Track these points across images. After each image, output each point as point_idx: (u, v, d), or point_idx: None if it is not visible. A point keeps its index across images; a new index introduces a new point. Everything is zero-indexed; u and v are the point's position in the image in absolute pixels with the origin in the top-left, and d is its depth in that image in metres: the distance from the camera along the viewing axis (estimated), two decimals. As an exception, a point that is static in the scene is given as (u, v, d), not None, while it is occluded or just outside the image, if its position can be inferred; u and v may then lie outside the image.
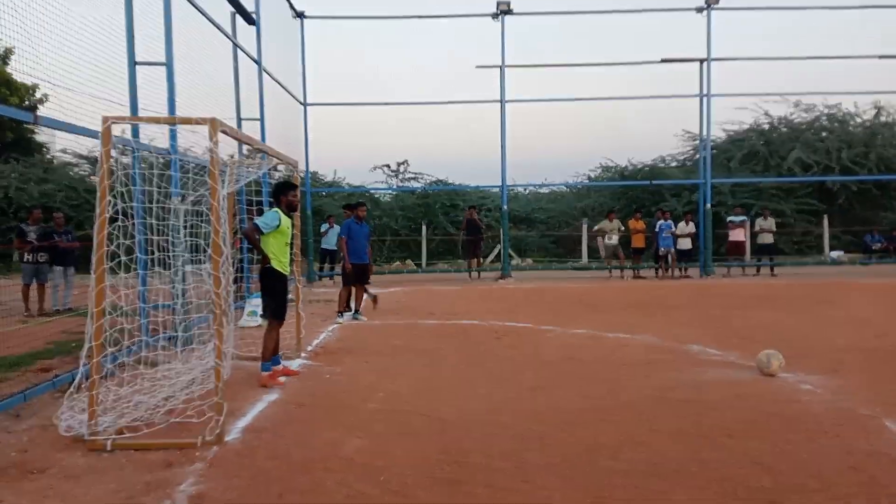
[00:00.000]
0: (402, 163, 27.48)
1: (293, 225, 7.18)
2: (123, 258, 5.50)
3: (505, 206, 19.26)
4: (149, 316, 7.28)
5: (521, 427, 5.19)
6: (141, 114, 8.16)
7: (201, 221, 7.09)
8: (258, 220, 6.82)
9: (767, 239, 18.97)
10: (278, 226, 6.76)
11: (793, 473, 4.23)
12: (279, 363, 7.15)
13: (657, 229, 18.44)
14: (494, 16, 18.33)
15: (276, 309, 6.87)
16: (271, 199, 7.10)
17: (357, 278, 11.18)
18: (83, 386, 5.13)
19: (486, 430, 5.12)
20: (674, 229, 18.37)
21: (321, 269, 18.38)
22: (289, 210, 6.99)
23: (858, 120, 26.94)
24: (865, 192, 25.28)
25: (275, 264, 6.78)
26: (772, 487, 4.04)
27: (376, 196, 27.49)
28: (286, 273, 6.93)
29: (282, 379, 6.73)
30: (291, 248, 7.15)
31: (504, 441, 4.88)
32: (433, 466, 4.40)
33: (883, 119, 26.38)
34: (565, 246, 26.45)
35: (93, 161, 23.06)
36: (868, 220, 24.83)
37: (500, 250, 20.98)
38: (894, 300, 13.05)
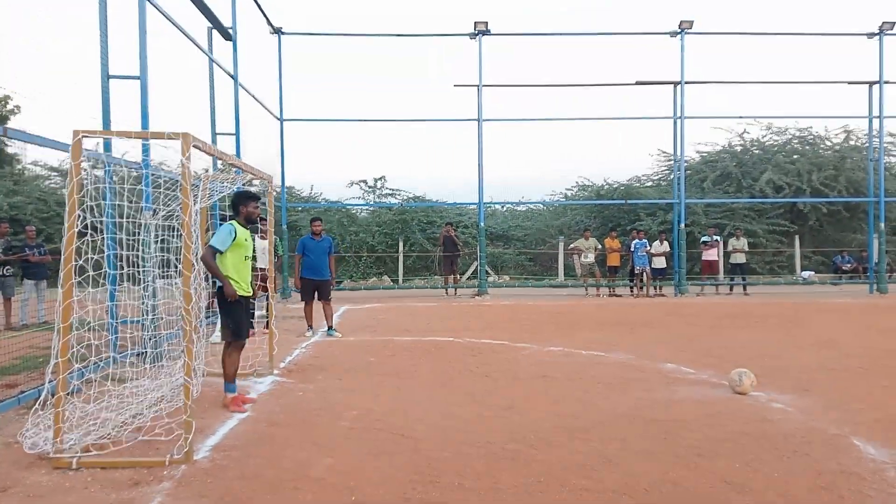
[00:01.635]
0: (380, 179, 27.49)
1: (254, 237, 6.80)
2: (92, 273, 5.41)
3: (482, 224, 19.32)
4: (117, 332, 7.17)
5: (494, 446, 5.17)
6: (114, 127, 8.09)
7: (173, 236, 7.00)
8: (212, 241, 6.21)
9: (740, 259, 19.26)
10: (234, 239, 6.25)
11: (763, 493, 4.24)
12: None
13: (632, 248, 18.62)
14: (472, 35, 18.48)
15: (235, 329, 6.36)
16: (230, 213, 6.67)
17: (319, 294, 11.08)
18: (49, 402, 5.03)
19: (460, 450, 5.09)
20: (649, 248, 18.57)
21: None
22: (248, 222, 6.52)
23: (829, 143, 27.48)
24: (835, 214, 25.75)
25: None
26: (742, 507, 4.06)
27: (353, 212, 27.43)
28: (246, 293, 6.46)
29: (245, 406, 6.30)
30: (255, 262, 6.84)
31: (477, 460, 4.85)
32: (405, 486, 4.36)
33: (852, 143, 26.93)
34: (542, 263, 26.56)
35: (64, 173, 22.78)
36: (838, 241, 25.30)
37: (476, 267, 21.00)
38: (863, 321, 13.25)
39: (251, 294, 6.70)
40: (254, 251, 6.78)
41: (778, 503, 4.10)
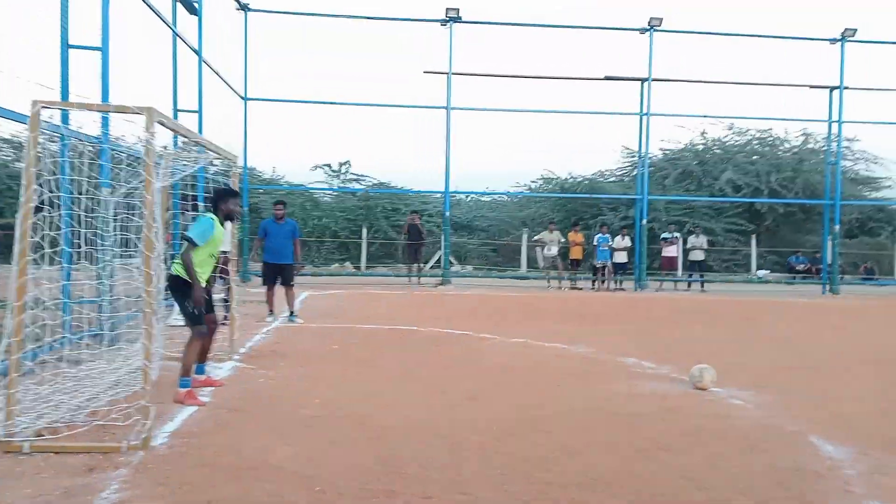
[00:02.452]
0: (344, 163, 27.22)
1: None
2: (48, 250, 5.21)
3: (447, 213, 19.27)
4: (73, 312, 6.94)
5: (458, 437, 5.14)
6: (72, 99, 7.81)
7: (132, 215, 6.79)
8: (191, 233, 5.91)
9: (698, 256, 19.59)
10: (212, 236, 6.00)
11: (723, 488, 4.29)
12: (203, 372, 6.51)
13: (595, 243, 18.83)
14: (443, 22, 18.34)
15: (198, 315, 5.97)
16: (208, 205, 6.32)
17: (281, 279, 10.90)
18: (1, 384, 4.84)
19: (423, 440, 5.05)
20: (611, 243, 18.77)
21: None
22: (226, 220, 6.29)
23: (788, 145, 28.10)
24: (792, 215, 26.38)
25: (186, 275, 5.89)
26: (702, 502, 4.10)
27: (316, 196, 27.13)
28: (202, 284, 6.04)
29: (203, 398, 5.92)
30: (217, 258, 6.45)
31: (441, 451, 4.82)
32: (368, 476, 4.30)
33: (810, 146, 27.56)
34: (505, 255, 26.66)
35: (16, 146, 22.02)
36: (793, 241, 25.91)
37: (440, 256, 20.98)
38: (818, 320, 13.60)
39: (209, 284, 6.36)
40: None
41: (736, 499, 4.15)
